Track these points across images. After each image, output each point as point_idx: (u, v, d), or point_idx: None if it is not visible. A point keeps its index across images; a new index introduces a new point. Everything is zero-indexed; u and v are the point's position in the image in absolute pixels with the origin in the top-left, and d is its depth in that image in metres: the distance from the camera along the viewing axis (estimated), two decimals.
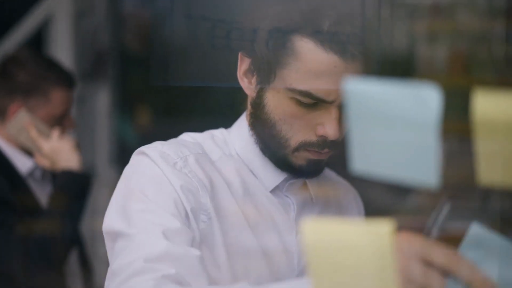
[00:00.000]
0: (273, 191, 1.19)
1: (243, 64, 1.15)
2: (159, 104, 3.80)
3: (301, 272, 1.20)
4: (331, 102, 1.08)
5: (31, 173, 2.05)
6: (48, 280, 1.15)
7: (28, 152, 2.05)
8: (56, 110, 2.05)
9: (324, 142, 1.12)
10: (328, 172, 1.31)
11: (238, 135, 1.21)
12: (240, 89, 1.17)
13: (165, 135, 1.21)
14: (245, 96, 1.20)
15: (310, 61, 1.07)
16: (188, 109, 3.44)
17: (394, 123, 0.65)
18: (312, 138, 1.12)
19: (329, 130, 1.10)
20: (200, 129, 1.24)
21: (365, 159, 0.69)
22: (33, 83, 2.02)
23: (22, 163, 2.03)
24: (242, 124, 1.21)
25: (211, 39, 1.08)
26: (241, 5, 1.18)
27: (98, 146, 3.42)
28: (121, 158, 3.41)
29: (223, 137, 1.22)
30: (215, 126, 1.26)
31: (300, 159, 1.14)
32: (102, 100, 3.46)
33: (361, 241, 0.65)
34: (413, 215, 3.29)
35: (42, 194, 2.05)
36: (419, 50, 3.44)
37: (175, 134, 1.22)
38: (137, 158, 1.15)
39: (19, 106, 2.01)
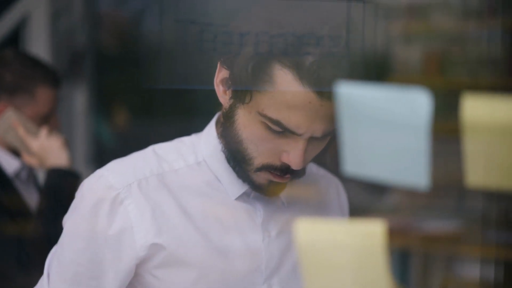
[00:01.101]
0: (240, 197, 1.19)
1: (221, 73, 1.13)
2: (136, 103, 3.79)
3: (269, 277, 1.21)
4: (299, 135, 1.08)
5: (17, 174, 2.04)
6: (36, 280, 1.16)
7: (15, 153, 2.04)
8: (42, 109, 2.03)
9: (287, 169, 1.12)
10: (308, 166, 1.28)
11: (206, 141, 1.21)
12: None
13: (142, 135, 1.22)
14: None
15: (286, 92, 1.05)
16: (165, 109, 3.44)
17: (385, 126, 0.66)
18: (276, 162, 1.12)
19: (293, 159, 1.10)
20: (176, 129, 1.24)
21: (356, 161, 0.70)
22: (19, 82, 2.00)
23: (9, 164, 2.02)
24: (211, 129, 1.21)
25: (197, 42, 1.06)
26: (224, 10, 1.18)
27: (75, 145, 3.41)
28: (98, 158, 3.40)
29: (191, 143, 1.22)
30: (193, 127, 1.25)
31: (261, 178, 1.15)
32: (79, 99, 3.44)
33: (352, 241, 0.66)
34: (390, 214, 3.32)
35: (28, 195, 2.03)
36: (394, 51, 3.47)
37: (152, 134, 1.23)
38: (84, 190, 1.18)
39: (6, 106, 2.00)
